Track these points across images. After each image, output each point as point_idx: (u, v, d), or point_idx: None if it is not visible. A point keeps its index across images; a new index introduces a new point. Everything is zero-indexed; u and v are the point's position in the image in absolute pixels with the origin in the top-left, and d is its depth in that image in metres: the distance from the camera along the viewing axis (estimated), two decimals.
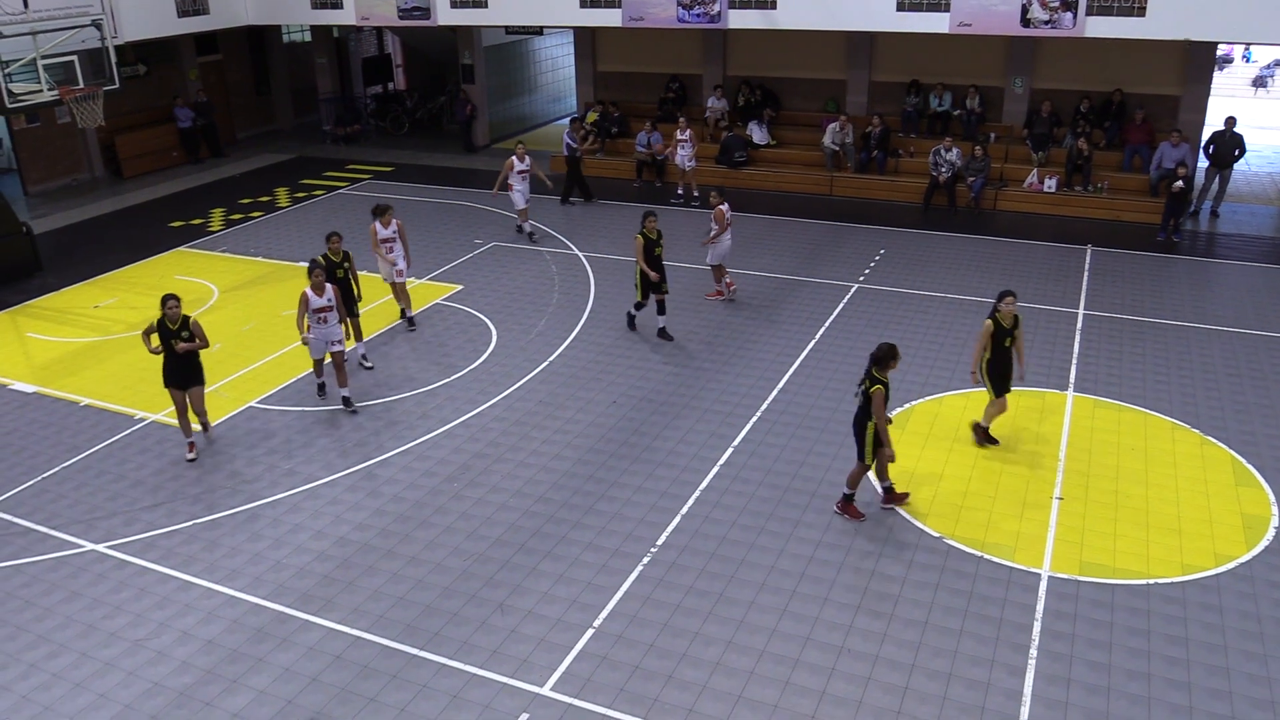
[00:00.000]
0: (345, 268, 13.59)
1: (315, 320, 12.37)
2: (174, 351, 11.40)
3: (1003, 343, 11.14)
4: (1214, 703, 7.88)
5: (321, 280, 12.29)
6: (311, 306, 12.30)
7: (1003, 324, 11.06)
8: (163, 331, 11.35)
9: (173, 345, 11.35)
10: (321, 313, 12.36)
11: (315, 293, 12.29)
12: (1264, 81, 36.25)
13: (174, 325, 11.30)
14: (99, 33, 17.87)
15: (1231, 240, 18.87)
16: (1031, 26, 18.82)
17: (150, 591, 9.45)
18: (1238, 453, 11.43)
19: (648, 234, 14.20)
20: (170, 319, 11.28)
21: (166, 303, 11.24)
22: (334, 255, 13.49)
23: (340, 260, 13.56)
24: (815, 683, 8.14)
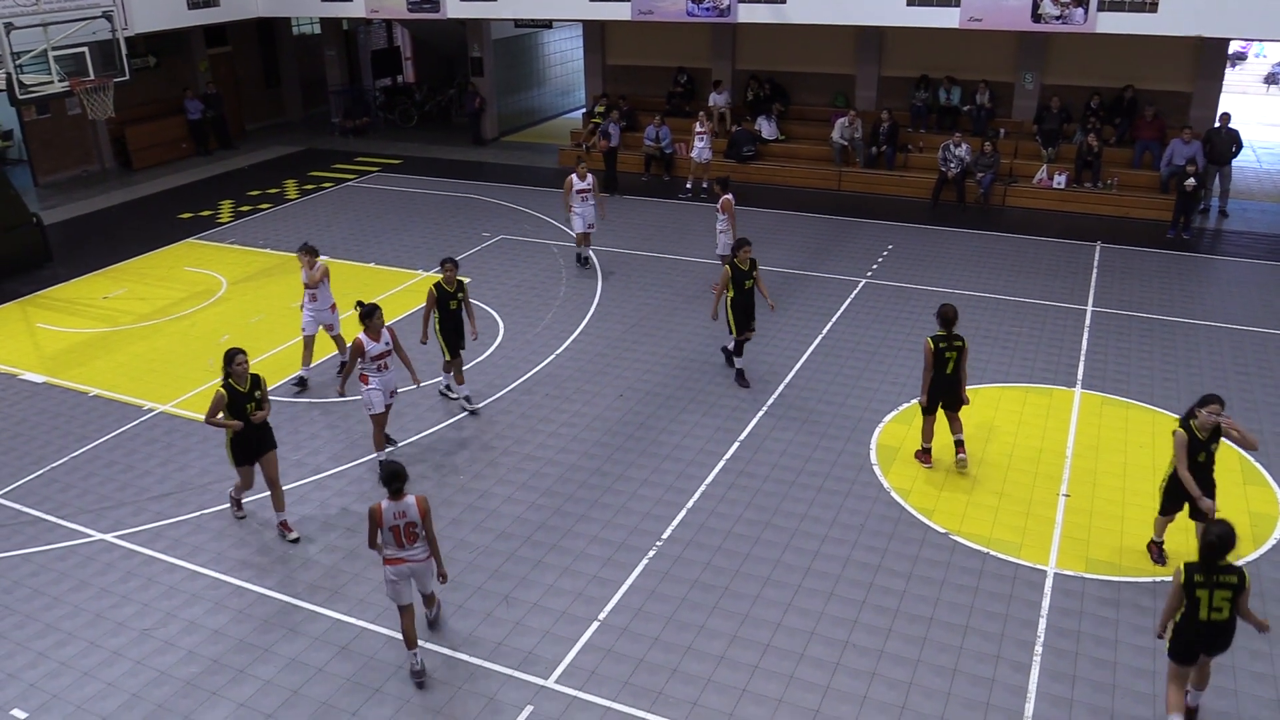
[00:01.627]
0: (459, 299, 12.12)
1: (374, 369, 10.73)
2: (249, 422, 9.62)
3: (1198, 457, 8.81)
4: (1219, 700, 7.86)
5: (380, 323, 10.72)
6: (369, 354, 10.64)
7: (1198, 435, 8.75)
8: (233, 398, 9.50)
9: (248, 414, 9.59)
10: (381, 359, 10.72)
11: (371, 337, 10.65)
12: (1276, 78, 36.03)
13: (244, 386, 9.53)
14: (109, 24, 17.89)
15: (1241, 238, 18.80)
16: (1042, 22, 18.74)
17: (157, 581, 9.49)
18: (1246, 453, 11.39)
19: (739, 264, 12.54)
20: (238, 378, 9.50)
21: (234, 359, 9.45)
22: (448, 285, 12.00)
23: (455, 290, 12.07)
24: (820, 677, 8.14)
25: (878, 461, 11.27)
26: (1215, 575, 7.03)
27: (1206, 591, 7.05)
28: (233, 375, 9.49)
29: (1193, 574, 7.07)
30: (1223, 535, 6.97)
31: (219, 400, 9.48)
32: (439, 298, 12.04)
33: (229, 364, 9.51)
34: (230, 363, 9.49)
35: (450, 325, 12.16)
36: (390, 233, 19.60)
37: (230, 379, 9.50)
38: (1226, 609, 7.10)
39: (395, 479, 7.79)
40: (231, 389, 9.50)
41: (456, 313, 12.16)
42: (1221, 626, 7.17)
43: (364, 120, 28.97)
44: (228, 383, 9.50)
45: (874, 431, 11.90)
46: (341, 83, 29.28)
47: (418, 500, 7.85)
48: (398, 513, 7.79)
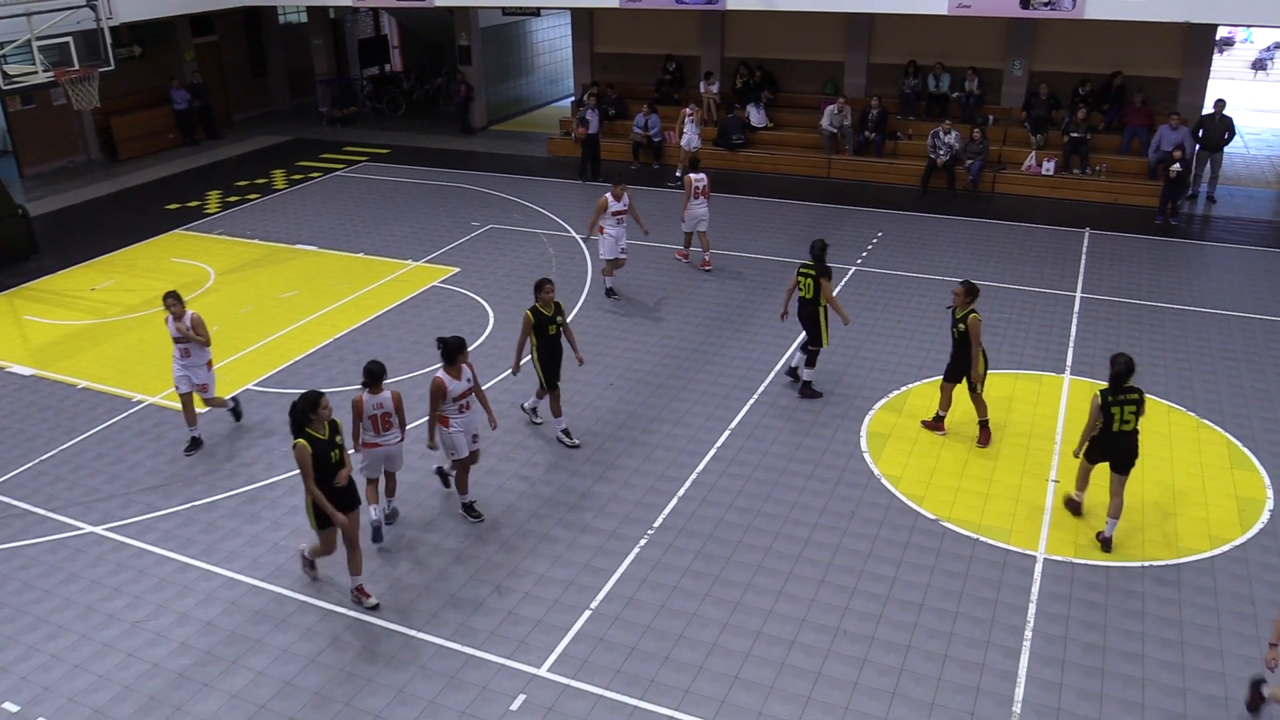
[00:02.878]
0: (558, 323, 11.12)
1: (455, 410, 9.71)
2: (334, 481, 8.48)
3: None
4: (1207, 684, 7.92)
5: (465, 360, 9.67)
6: (451, 394, 9.61)
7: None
8: (317, 449, 8.28)
9: (333, 468, 8.43)
10: (462, 399, 9.70)
11: (453, 376, 9.61)
12: (1264, 64, 36.12)
13: (324, 433, 8.35)
14: (94, 14, 17.73)
15: (1229, 223, 18.86)
16: (1031, 8, 18.73)
17: (149, 573, 9.47)
18: (1233, 436, 11.46)
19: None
20: (319, 424, 8.31)
21: (318, 405, 8.23)
22: (545, 308, 10.98)
23: (553, 314, 11.08)
24: (811, 664, 8.18)
25: (868, 449, 11.31)
26: (1122, 395, 9.20)
27: (1118, 408, 9.22)
28: (317, 420, 8.30)
29: (1106, 397, 9.21)
30: (1127, 363, 9.19)
31: (304, 456, 8.19)
32: (536, 323, 10.93)
33: (312, 409, 8.24)
34: (315, 407, 8.24)
35: (548, 353, 11.10)
36: (379, 222, 19.55)
37: (310, 428, 8.29)
38: (1133, 420, 9.26)
39: (374, 376, 9.21)
40: (312, 438, 8.27)
41: (555, 339, 11.12)
42: (1129, 434, 9.31)
43: (352, 110, 28.85)
44: (306, 432, 8.25)
45: (864, 419, 11.94)
46: (329, 72, 29.14)
47: (393, 395, 9.33)
48: (376, 404, 9.29)
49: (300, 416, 8.25)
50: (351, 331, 14.57)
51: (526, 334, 11.08)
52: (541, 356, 11.14)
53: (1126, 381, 9.16)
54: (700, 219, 16.52)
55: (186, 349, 11.18)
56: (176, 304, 11.06)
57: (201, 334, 11.20)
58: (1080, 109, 20.30)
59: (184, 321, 11.09)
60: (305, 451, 8.21)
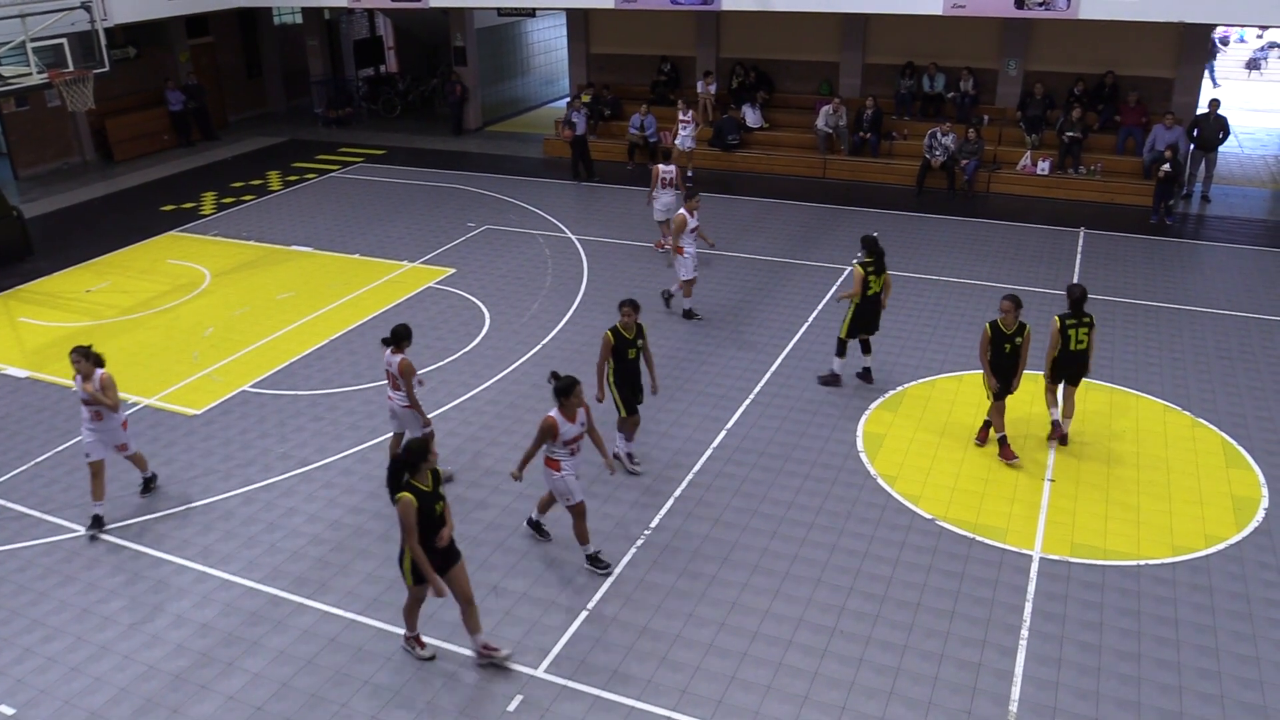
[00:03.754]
0: (639, 346, 10.45)
1: (566, 453, 8.89)
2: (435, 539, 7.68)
3: None
4: (1203, 682, 7.94)
5: (580, 400, 8.76)
6: (563, 437, 8.77)
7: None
8: (421, 502, 7.46)
9: (436, 522, 7.64)
10: (574, 443, 8.87)
11: (567, 417, 8.74)
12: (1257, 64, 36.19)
13: (429, 485, 7.54)
14: (88, 15, 17.73)
15: (1224, 222, 18.90)
16: (1025, 8, 18.77)
17: (144, 576, 9.46)
18: (1228, 434, 11.48)
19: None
20: (422, 474, 7.50)
21: (427, 452, 7.49)
22: (626, 330, 10.31)
23: (634, 337, 10.38)
24: (808, 664, 8.19)
25: (864, 448, 11.32)
26: (1079, 318, 10.87)
27: (1074, 330, 10.86)
28: (422, 473, 7.51)
29: (1065, 320, 10.88)
30: (1082, 291, 10.91)
31: (409, 512, 7.36)
32: (616, 345, 10.31)
33: (422, 458, 7.45)
34: (422, 457, 7.46)
35: (627, 378, 10.54)
36: (375, 224, 19.53)
37: (414, 478, 7.48)
38: (1086, 340, 10.88)
39: (394, 335, 10.03)
40: (416, 490, 7.45)
41: (635, 363, 10.52)
42: (1083, 354, 10.97)
43: (347, 111, 28.82)
44: (410, 483, 7.46)
45: (860, 419, 11.95)
46: (324, 73, 29.12)
47: (400, 361, 9.90)
48: (387, 362, 10.08)
49: (405, 466, 7.42)
50: (347, 332, 14.57)
51: (606, 357, 10.40)
52: (619, 381, 10.51)
53: (1081, 308, 10.90)
54: (668, 208, 16.91)
55: (98, 411, 9.88)
56: (83, 361, 9.73)
57: (111, 397, 9.79)
58: (1075, 109, 20.34)
59: (93, 382, 9.79)
60: (411, 508, 7.36)
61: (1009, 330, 10.77)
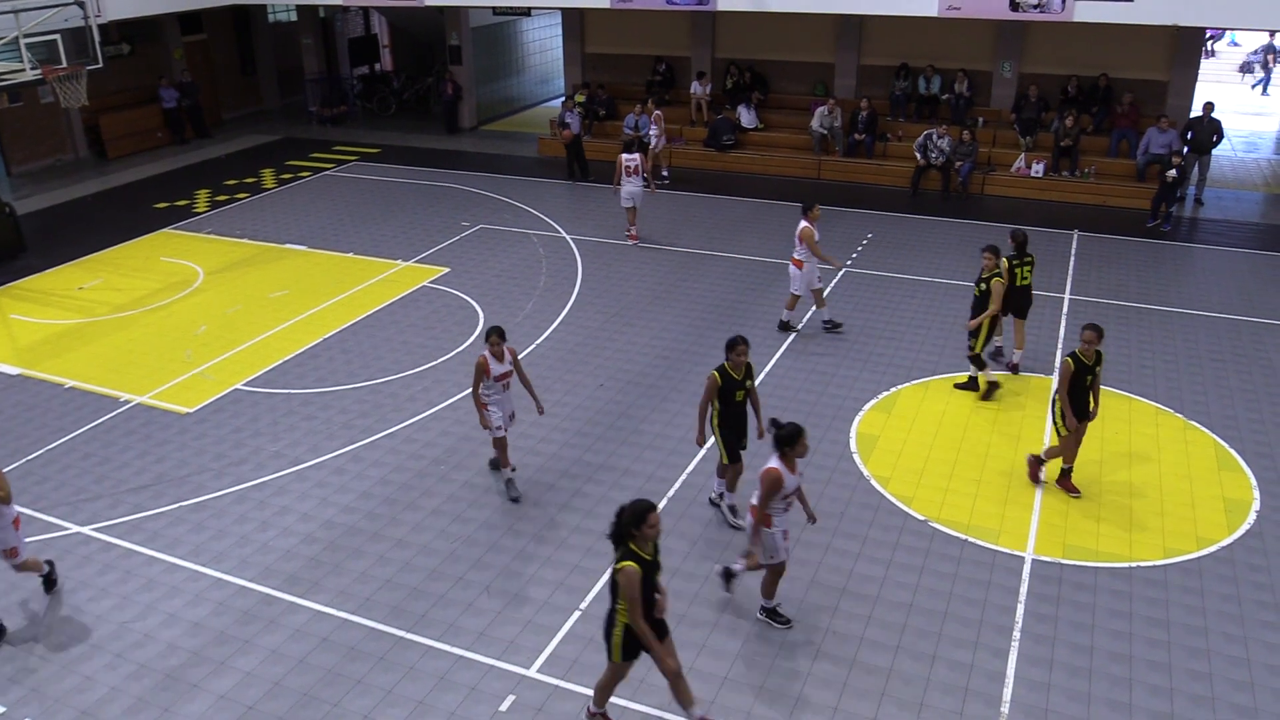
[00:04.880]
0: (747, 388, 9.60)
1: (781, 507, 8.35)
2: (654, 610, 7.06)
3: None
4: (1194, 684, 7.96)
5: (805, 449, 8.22)
6: (785, 490, 8.22)
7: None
8: (646, 569, 6.84)
9: (655, 590, 7.04)
10: (791, 496, 8.34)
11: (789, 468, 8.22)
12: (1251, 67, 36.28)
13: (650, 554, 6.89)
14: (82, 11, 17.67)
15: (1217, 225, 18.95)
16: (1020, 11, 18.79)
17: (136, 574, 9.43)
18: (1220, 437, 11.52)
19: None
20: (643, 542, 6.83)
21: (646, 518, 6.74)
22: (735, 370, 9.49)
23: (742, 377, 9.54)
24: (800, 665, 8.19)
25: (857, 450, 11.33)
26: (1025, 257, 12.61)
27: (1020, 268, 12.57)
28: (639, 539, 6.82)
29: (1011, 260, 12.46)
30: (1024, 235, 12.69)
31: (634, 583, 6.75)
32: (723, 387, 9.43)
33: (640, 523, 6.76)
34: (643, 522, 6.76)
35: (732, 421, 9.68)
36: (369, 222, 19.50)
37: (634, 544, 6.83)
38: (1030, 278, 12.69)
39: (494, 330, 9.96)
40: (638, 557, 6.80)
41: (741, 405, 9.64)
42: (1028, 288, 12.72)
43: (342, 109, 28.78)
44: (632, 550, 6.81)
45: (854, 420, 11.96)
46: (318, 71, 29.07)
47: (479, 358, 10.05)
48: None
49: (625, 531, 6.81)
50: (341, 331, 14.54)
51: (710, 399, 9.51)
52: (723, 423, 9.65)
53: (1025, 249, 12.66)
54: (633, 196, 17.62)
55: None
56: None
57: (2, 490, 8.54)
58: (1069, 117, 20.36)
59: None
60: (636, 577, 6.74)
61: (1089, 361, 10.00)
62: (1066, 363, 10.01)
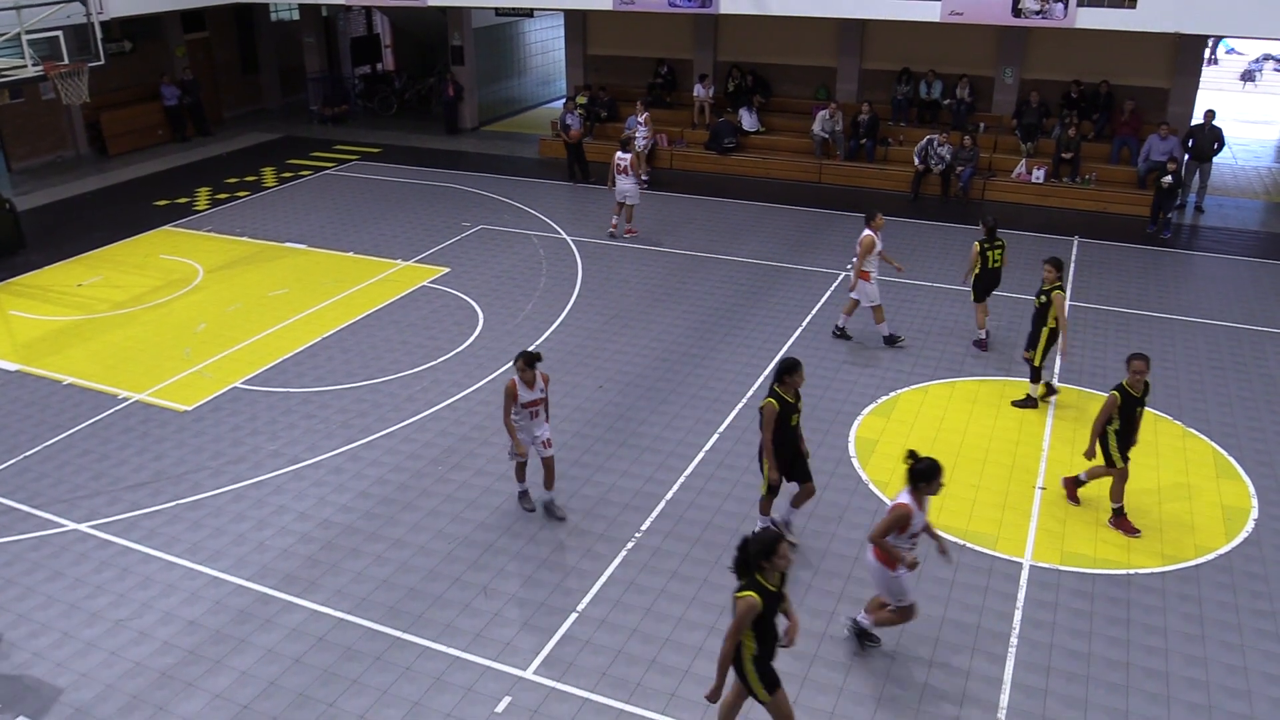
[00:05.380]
0: (800, 411, 9.32)
1: (909, 546, 7.95)
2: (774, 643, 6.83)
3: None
4: (1191, 692, 7.95)
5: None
6: (912, 529, 7.86)
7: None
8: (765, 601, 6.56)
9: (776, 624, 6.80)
10: (919, 535, 7.98)
11: (918, 504, 7.89)
12: (1252, 76, 36.35)
13: (775, 584, 6.65)
14: (84, 8, 17.66)
15: (1218, 234, 18.95)
16: (1023, 17, 18.79)
17: (133, 572, 9.42)
18: (1219, 445, 11.51)
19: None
20: (771, 573, 6.62)
21: (776, 549, 6.53)
22: (789, 394, 9.13)
23: (796, 400, 9.20)
24: (798, 668, 8.18)
25: (856, 454, 11.32)
26: (994, 241, 13.50)
27: (991, 251, 13.47)
28: (767, 570, 6.58)
29: (983, 244, 13.42)
30: (995, 219, 13.64)
31: (749, 610, 6.47)
32: (781, 412, 9.07)
33: (769, 554, 6.53)
34: (772, 552, 6.53)
35: (786, 448, 9.32)
36: (369, 222, 19.49)
37: (760, 575, 6.57)
38: (1000, 261, 13.56)
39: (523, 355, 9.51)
40: (762, 589, 6.55)
41: (796, 429, 9.38)
42: (998, 271, 13.63)
43: (343, 108, 28.77)
44: (756, 581, 6.55)
45: (852, 424, 11.95)
46: (320, 70, 29.05)
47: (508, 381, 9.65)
48: None
49: (753, 562, 6.56)
50: (340, 330, 14.53)
51: (771, 429, 9.12)
52: (777, 451, 9.30)
53: (995, 234, 13.52)
54: (625, 193, 18.05)
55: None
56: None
57: None
58: (1071, 127, 20.37)
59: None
60: (755, 609, 6.47)
61: (1137, 393, 9.54)
62: (1113, 396, 9.47)
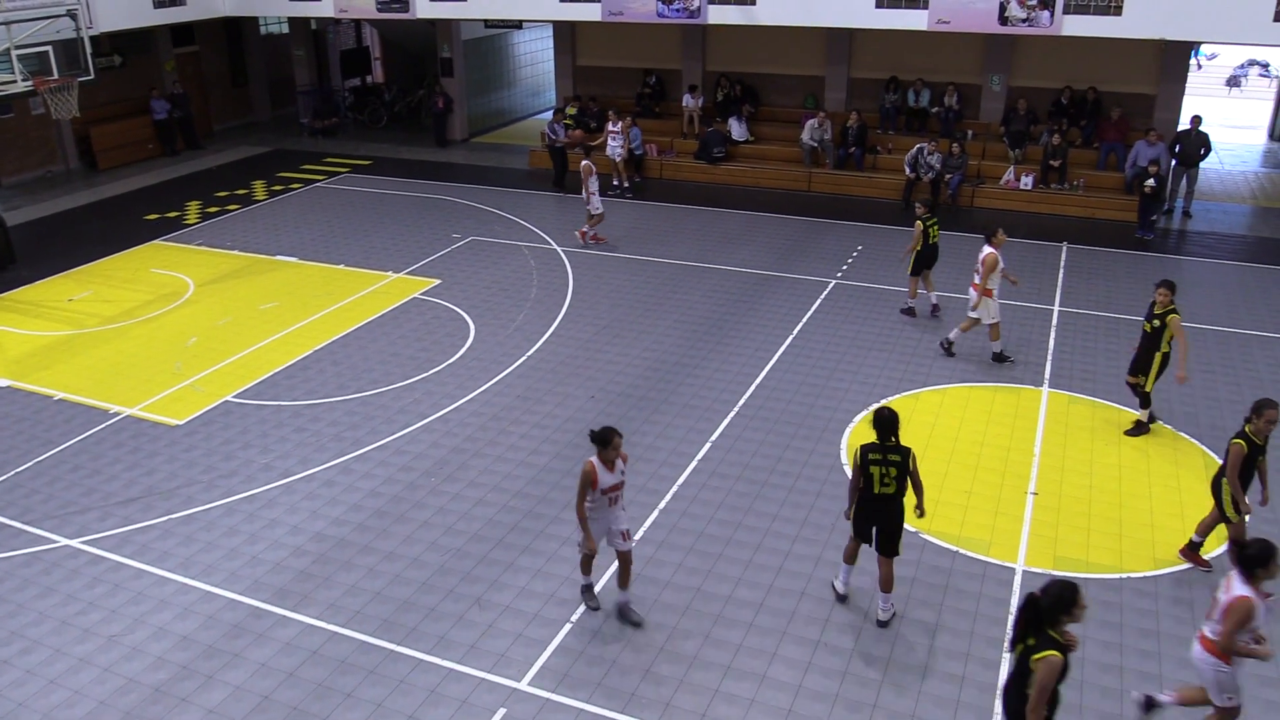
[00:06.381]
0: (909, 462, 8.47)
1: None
2: None
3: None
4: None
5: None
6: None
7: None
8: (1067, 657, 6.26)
9: None
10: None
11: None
12: (1237, 81, 36.58)
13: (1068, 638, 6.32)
14: (74, 23, 17.67)
15: (1205, 238, 19.06)
16: (1009, 24, 18.92)
17: (125, 587, 9.39)
18: (1209, 448, 11.56)
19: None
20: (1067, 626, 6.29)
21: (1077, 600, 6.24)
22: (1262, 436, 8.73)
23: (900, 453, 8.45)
24: (792, 677, 8.18)
25: (848, 462, 11.34)
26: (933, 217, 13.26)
27: (933, 228, 13.51)
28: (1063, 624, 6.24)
29: (925, 220, 13.21)
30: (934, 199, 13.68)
31: (1053, 672, 6.13)
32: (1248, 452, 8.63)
33: (1069, 607, 6.19)
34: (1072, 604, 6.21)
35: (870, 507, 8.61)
36: (360, 234, 19.50)
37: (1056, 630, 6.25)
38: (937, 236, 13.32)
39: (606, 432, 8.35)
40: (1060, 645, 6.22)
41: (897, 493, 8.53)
42: (936, 246, 14.17)
43: (333, 121, 28.79)
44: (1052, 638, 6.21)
45: (844, 432, 11.97)
46: (310, 83, 29.08)
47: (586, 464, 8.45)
48: None
49: (1050, 618, 6.23)
50: (331, 343, 14.52)
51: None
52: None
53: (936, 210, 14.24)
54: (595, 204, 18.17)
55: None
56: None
57: None
58: (1056, 135, 20.48)
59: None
60: (1058, 668, 6.11)
61: (1261, 441, 8.85)
62: (1238, 446, 8.78)
